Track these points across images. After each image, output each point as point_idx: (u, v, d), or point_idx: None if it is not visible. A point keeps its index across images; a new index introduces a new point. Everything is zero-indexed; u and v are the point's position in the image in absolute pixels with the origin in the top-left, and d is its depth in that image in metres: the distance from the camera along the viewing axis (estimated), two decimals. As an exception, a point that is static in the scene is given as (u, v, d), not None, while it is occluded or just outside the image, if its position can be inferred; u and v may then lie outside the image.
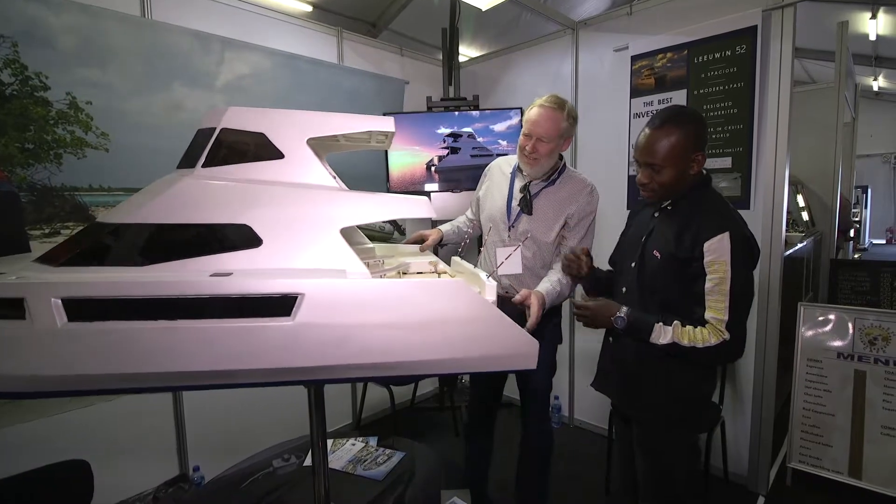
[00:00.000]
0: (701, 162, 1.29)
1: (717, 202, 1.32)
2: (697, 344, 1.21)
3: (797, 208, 4.04)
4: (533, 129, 1.66)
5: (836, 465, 2.25)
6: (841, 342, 2.30)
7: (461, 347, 1.00)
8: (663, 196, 1.34)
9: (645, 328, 1.27)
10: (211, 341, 0.91)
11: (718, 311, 1.21)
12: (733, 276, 1.19)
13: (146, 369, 0.91)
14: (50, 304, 0.86)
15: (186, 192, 0.99)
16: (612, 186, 2.59)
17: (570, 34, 2.86)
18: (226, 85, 2.28)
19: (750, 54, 2.16)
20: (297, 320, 0.92)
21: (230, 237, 0.98)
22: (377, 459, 1.76)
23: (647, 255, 1.37)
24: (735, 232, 1.21)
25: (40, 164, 1.82)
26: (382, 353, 0.97)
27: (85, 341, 0.88)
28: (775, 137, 2.14)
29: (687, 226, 1.27)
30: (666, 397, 1.34)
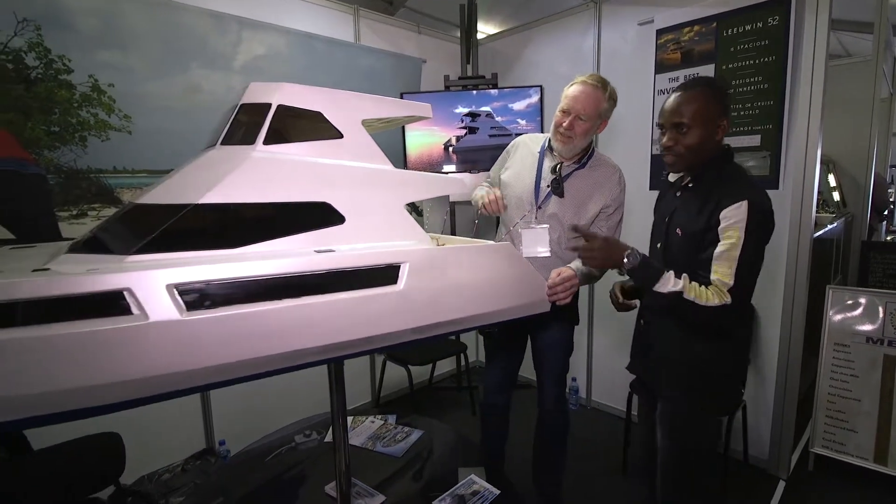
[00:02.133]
0: (725, 128, 1.29)
1: (738, 175, 1.32)
2: (699, 300, 1.21)
3: (828, 188, 3.90)
4: (572, 105, 1.61)
5: (861, 451, 2.21)
6: (871, 326, 2.24)
7: (506, 299, 1.22)
8: (687, 161, 1.32)
9: (655, 273, 1.27)
10: (333, 315, 0.95)
11: (724, 275, 1.20)
12: (745, 244, 1.19)
13: (273, 351, 0.90)
14: (165, 293, 0.79)
15: (260, 169, 0.98)
16: (635, 166, 2.53)
17: (592, 8, 2.77)
18: (243, 66, 2.28)
19: (783, 26, 2.06)
20: (403, 286, 1.02)
21: (315, 215, 1.01)
22: (396, 436, 1.79)
23: (671, 235, 1.38)
24: (754, 201, 1.20)
25: (66, 147, 1.85)
26: (460, 309, 1.13)
27: (212, 330, 0.83)
28: (808, 114, 2.05)
29: (708, 198, 1.27)
30: (693, 375, 1.35)
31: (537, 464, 1.97)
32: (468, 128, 2.93)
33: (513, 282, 1.23)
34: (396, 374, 2.90)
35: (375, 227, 1.08)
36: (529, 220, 1.74)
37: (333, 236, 1.02)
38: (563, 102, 1.65)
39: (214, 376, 0.86)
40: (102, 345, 0.75)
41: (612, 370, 2.83)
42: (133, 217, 0.90)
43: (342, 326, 0.97)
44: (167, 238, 0.85)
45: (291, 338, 0.91)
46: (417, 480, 1.58)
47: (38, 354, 0.72)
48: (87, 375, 0.75)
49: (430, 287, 1.06)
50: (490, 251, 1.20)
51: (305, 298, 0.91)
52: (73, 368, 0.74)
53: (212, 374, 0.85)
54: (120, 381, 0.78)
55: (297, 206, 1.00)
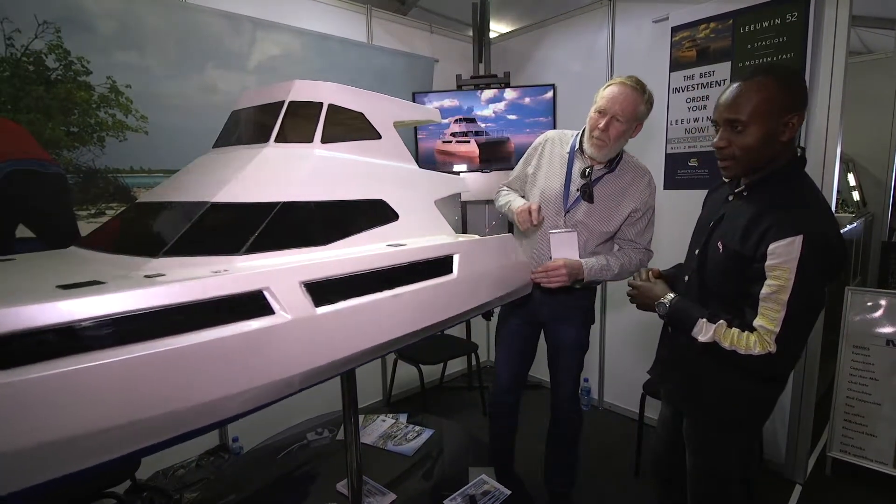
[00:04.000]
0: (795, 127, 1.08)
1: (802, 195, 1.10)
2: (739, 349, 1.08)
3: (847, 188, 3.82)
4: (609, 106, 1.56)
5: (881, 455, 2.16)
6: (891, 329, 2.19)
7: (512, 282, 1.38)
8: (744, 166, 1.14)
9: (687, 320, 1.17)
10: (417, 303, 1.03)
11: (771, 320, 1.05)
12: (797, 287, 1.01)
13: (379, 341, 0.95)
14: (299, 291, 0.80)
15: (325, 167, 1.01)
16: (650, 166, 2.44)
17: (606, 5, 2.75)
18: (257, 66, 2.30)
19: (802, 23, 2.02)
20: (456, 275, 1.13)
21: (378, 212, 1.08)
22: (407, 435, 1.79)
23: (711, 245, 1.23)
24: (812, 236, 1.01)
25: (85, 147, 1.89)
26: (488, 293, 1.26)
27: (338, 323, 0.86)
28: (827, 112, 2.02)
29: (758, 219, 1.09)
30: (724, 399, 1.24)
31: (550, 464, 1.96)
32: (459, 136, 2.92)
33: (515, 267, 1.39)
34: (408, 373, 2.91)
35: (419, 222, 1.16)
36: (558, 225, 1.71)
37: (392, 232, 1.09)
38: (598, 103, 1.61)
39: (339, 369, 0.90)
40: (253, 347, 0.74)
41: (624, 371, 2.80)
42: (220, 217, 0.85)
43: (422, 314, 1.05)
44: (267, 237, 0.86)
45: (392, 327, 0.98)
46: (428, 479, 1.58)
47: (200, 363, 0.69)
48: (240, 380, 0.74)
49: (471, 275, 1.18)
50: (501, 242, 1.35)
51: (397, 289, 0.97)
52: (228, 374, 0.72)
53: (338, 367, 0.89)
54: (265, 383, 0.77)
55: (363, 203, 1.07)
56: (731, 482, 1.29)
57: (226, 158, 1.01)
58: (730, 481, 1.29)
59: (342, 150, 1.06)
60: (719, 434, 1.28)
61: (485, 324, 3.62)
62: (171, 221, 0.88)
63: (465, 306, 1.17)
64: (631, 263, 1.69)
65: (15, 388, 0.54)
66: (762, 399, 1.24)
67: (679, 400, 1.39)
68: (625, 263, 1.68)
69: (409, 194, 1.17)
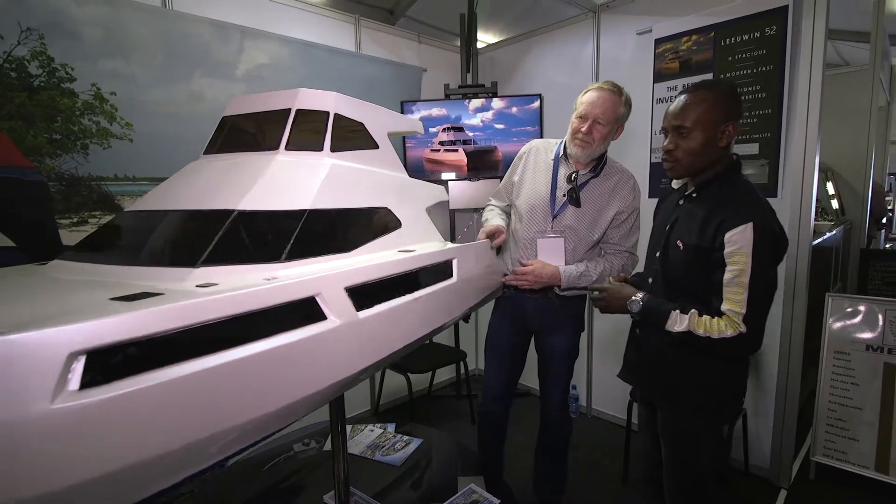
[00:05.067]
0: (730, 135, 1.24)
1: (744, 191, 1.26)
2: (713, 334, 1.17)
3: (826, 196, 3.91)
4: (590, 111, 1.62)
5: (863, 459, 2.20)
6: (870, 334, 2.24)
7: (491, 284, 1.48)
8: (688, 167, 1.29)
9: (661, 315, 1.25)
10: (430, 305, 1.08)
11: (736, 303, 1.16)
12: (754, 269, 1.15)
13: (406, 341, 1.00)
14: (344, 296, 0.82)
15: (338, 176, 1.02)
16: (634, 174, 2.51)
17: (591, 17, 2.80)
18: (245, 74, 2.30)
19: (780, 36, 2.08)
20: (455, 279, 1.20)
21: (386, 220, 1.12)
22: (395, 445, 1.78)
23: (671, 246, 1.34)
24: (760, 223, 1.16)
25: (67, 155, 1.86)
26: (474, 296, 1.34)
27: (376, 326, 0.89)
28: (805, 123, 2.07)
29: (711, 215, 1.22)
30: (693, 386, 1.32)
31: (539, 472, 1.96)
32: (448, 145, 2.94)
33: (492, 270, 1.48)
34: (395, 382, 2.90)
35: (417, 230, 1.21)
36: (545, 230, 1.73)
37: (398, 240, 1.12)
38: (579, 108, 1.65)
39: (372, 371, 0.93)
40: (312, 352, 0.76)
41: (612, 378, 2.79)
42: (250, 224, 0.85)
43: (434, 315, 1.11)
44: (301, 244, 0.87)
45: (414, 328, 1.03)
46: (416, 489, 1.57)
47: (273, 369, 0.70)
48: (304, 386, 0.76)
49: (465, 278, 1.24)
50: (482, 247, 1.44)
51: (417, 293, 1.02)
52: (295, 380, 0.74)
53: (373, 369, 0.92)
54: (322, 388, 0.79)
55: (374, 211, 1.10)
56: (705, 473, 1.34)
57: (231, 165, 1.00)
58: (704, 473, 1.34)
59: (348, 160, 1.08)
60: (691, 424, 1.34)
61: (473, 332, 3.62)
62: (191, 230, 0.86)
63: (462, 308, 1.24)
64: (612, 269, 1.69)
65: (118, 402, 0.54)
66: (730, 386, 1.34)
67: (651, 397, 1.45)
68: (605, 270, 1.68)
69: (407, 202, 1.22)
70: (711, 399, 1.32)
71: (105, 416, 0.53)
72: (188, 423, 0.61)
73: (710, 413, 1.34)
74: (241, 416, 0.67)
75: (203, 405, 0.62)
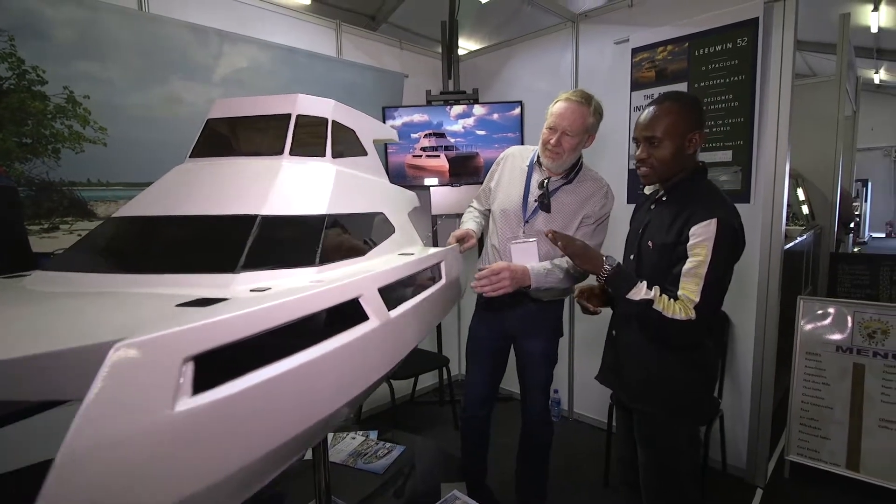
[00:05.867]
0: (696, 143, 1.32)
1: (711, 192, 1.34)
2: (666, 312, 1.22)
3: (797, 202, 4.03)
4: (558, 123, 1.64)
5: (834, 457, 2.26)
6: (840, 335, 2.31)
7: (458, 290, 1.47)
8: (660, 174, 1.35)
9: (629, 280, 1.29)
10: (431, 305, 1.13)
11: (691, 291, 1.22)
12: (712, 262, 1.20)
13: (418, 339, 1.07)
14: (377, 297, 0.85)
15: (344, 182, 1.04)
16: (613, 180, 2.53)
17: (570, 26, 2.85)
18: (224, 79, 2.27)
19: (751, 47, 2.14)
20: (444, 280, 1.24)
21: (384, 224, 1.15)
22: (377, 453, 1.77)
23: (643, 247, 1.41)
24: (723, 220, 1.22)
25: (38, 159, 1.81)
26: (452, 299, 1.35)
27: (402, 326, 0.93)
28: (776, 131, 2.14)
29: (679, 213, 1.29)
30: (667, 389, 1.35)
31: (521, 476, 1.96)
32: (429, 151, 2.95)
33: (459, 274, 1.50)
34: (378, 388, 2.87)
35: (405, 235, 1.24)
36: (518, 235, 1.76)
37: (394, 245, 1.15)
38: (549, 120, 1.67)
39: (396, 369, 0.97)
40: (362, 351, 0.79)
41: (593, 382, 2.82)
42: (277, 229, 0.86)
43: (432, 316, 1.16)
44: (328, 248, 0.89)
45: (424, 327, 1.09)
46: (399, 497, 1.56)
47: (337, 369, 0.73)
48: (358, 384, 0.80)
49: (448, 281, 1.27)
50: (454, 251, 1.47)
51: (423, 293, 1.07)
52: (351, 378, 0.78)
53: (397, 367, 0.96)
54: (367, 387, 0.84)
55: (376, 216, 1.13)
56: (682, 476, 1.37)
57: (234, 169, 0.98)
58: (681, 475, 1.37)
59: (346, 166, 1.09)
60: (666, 424, 1.37)
61: (456, 337, 3.62)
62: (213, 235, 0.85)
63: (447, 309, 1.28)
64: (575, 268, 1.68)
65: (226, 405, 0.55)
66: (701, 384, 1.40)
67: (627, 399, 1.48)
68: (571, 268, 1.69)
69: (395, 208, 1.25)
70: (685, 401, 1.36)
71: (217, 419, 0.55)
72: (283, 421, 0.64)
73: (684, 415, 1.37)
74: (320, 411, 0.71)
75: (292, 403, 0.65)
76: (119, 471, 0.47)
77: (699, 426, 2.02)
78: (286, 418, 0.65)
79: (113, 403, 0.46)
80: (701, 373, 1.38)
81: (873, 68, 8.68)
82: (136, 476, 0.48)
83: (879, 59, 7.98)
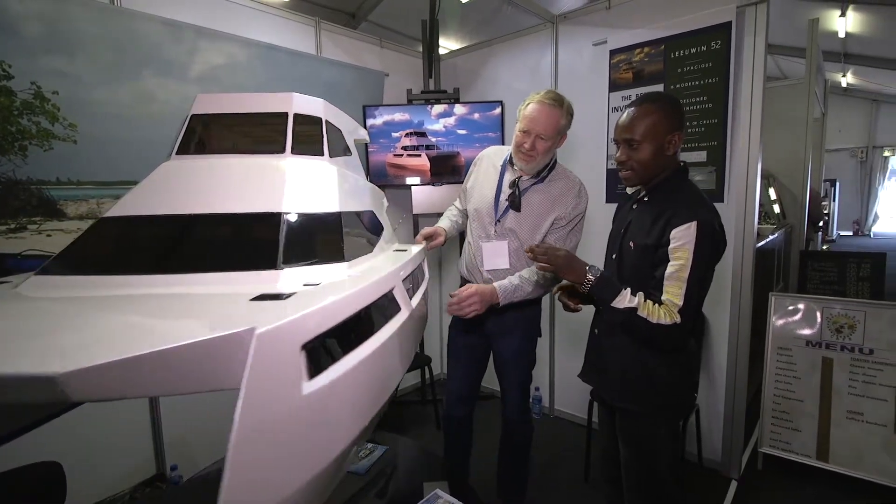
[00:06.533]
0: (676, 143, 1.33)
1: (691, 193, 1.34)
2: (651, 318, 1.23)
3: (769, 201, 4.15)
4: (531, 126, 1.64)
5: (805, 448, 2.33)
6: (810, 330, 2.38)
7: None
8: (641, 176, 1.36)
9: (613, 288, 1.29)
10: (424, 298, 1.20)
11: (675, 296, 1.23)
12: (693, 265, 1.21)
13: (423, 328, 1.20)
14: (402, 288, 0.91)
15: (348, 180, 1.08)
16: (592, 180, 2.60)
17: (549, 27, 2.87)
18: (199, 76, 2.22)
19: (725, 50, 2.20)
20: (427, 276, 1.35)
21: (376, 221, 1.17)
22: (359, 454, 1.75)
23: (624, 247, 1.41)
24: (704, 222, 1.23)
25: (4, 157, 1.74)
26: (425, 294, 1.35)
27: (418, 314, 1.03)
28: (748, 132, 2.19)
29: (660, 215, 1.30)
30: (649, 389, 1.36)
31: (502, 474, 1.98)
32: (410, 150, 2.95)
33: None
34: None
35: (388, 231, 1.27)
36: (490, 234, 1.77)
37: (385, 240, 1.19)
38: (521, 123, 1.67)
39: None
40: (401, 337, 0.85)
41: (573, 379, 2.85)
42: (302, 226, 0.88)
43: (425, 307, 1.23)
44: (351, 245, 0.93)
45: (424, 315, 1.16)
46: (382, 497, 1.55)
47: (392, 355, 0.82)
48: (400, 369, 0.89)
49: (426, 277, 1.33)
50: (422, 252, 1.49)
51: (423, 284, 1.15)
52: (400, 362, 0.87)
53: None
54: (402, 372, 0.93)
55: (373, 214, 1.18)
56: (663, 473, 1.39)
57: (239, 167, 0.96)
58: (662, 472, 1.39)
59: (340, 165, 1.10)
60: (648, 422, 1.38)
61: (438, 336, 3.62)
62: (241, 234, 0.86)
63: (426, 304, 1.32)
64: (545, 277, 1.70)
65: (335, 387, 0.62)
66: (683, 385, 1.43)
67: (609, 397, 1.49)
68: (539, 279, 1.70)
69: (378, 206, 1.29)
70: (668, 400, 1.38)
71: (331, 399, 0.61)
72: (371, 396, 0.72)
73: (666, 414, 1.39)
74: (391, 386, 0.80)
75: (376, 379, 0.74)
76: (275, 447, 0.54)
77: (678, 422, 2.06)
78: (373, 393, 0.73)
79: (260, 388, 0.52)
80: (684, 373, 1.40)
81: (841, 72, 8.98)
82: (284, 454, 0.55)
83: (846, 63, 8.26)
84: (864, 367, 2.24)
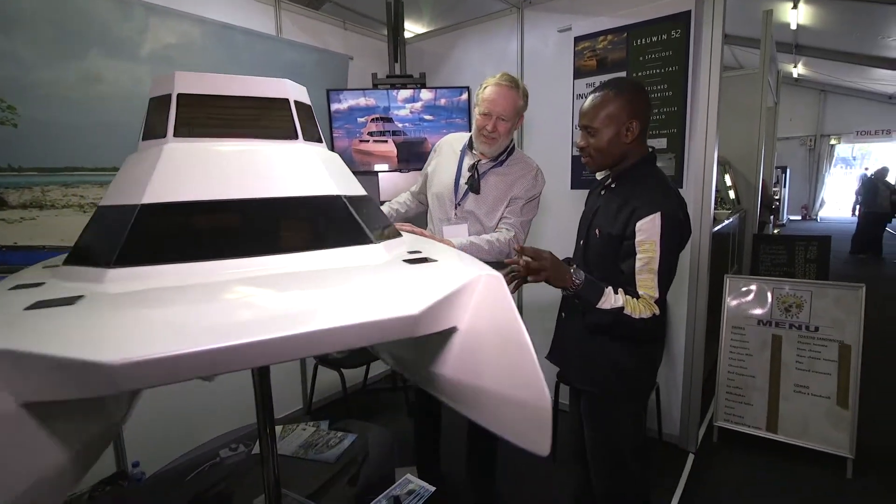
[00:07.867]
0: (635, 130, 1.31)
1: (657, 182, 1.35)
2: (634, 314, 1.25)
3: (725, 187, 4.32)
4: (492, 108, 1.67)
5: (756, 421, 2.48)
6: (761, 310, 2.51)
7: None
8: (599, 162, 1.38)
9: (597, 291, 1.26)
10: None
11: (650, 288, 1.25)
12: (661, 256, 1.24)
13: None
14: None
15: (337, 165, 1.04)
16: (556, 166, 2.65)
17: (515, 13, 2.86)
18: (150, 55, 2.11)
19: (684, 39, 2.25)
20: None
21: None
22: (329, 443, 1.75)
23: (590, 234, 1.42)
24: (667, 213, 1.24)
25: (-66, 141, 1.62)
26: None
27: None
28: (706, 120, 2.26)
29: (625, 204, 1.30)
30: (612, 371, 1.39)
31: (471, 455, 2.01)
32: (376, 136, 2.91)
33: None
34: (328, 378, 2.83)
35: None
36: (451, 217, 1.81)
37: None
38: (481, 106, 1.70)
39: None
40: None
41: (541, 362, 2.93)
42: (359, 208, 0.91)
43: None
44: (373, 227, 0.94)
45: None
46: (353, 485, 1.55)
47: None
48: None
49: None
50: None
51: None
52: None
53: None
54: None
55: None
56: (625, 450, 1.43)
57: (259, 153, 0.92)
58: (624, 448, 1.43)
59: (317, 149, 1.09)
60: (611, 406, 1.42)
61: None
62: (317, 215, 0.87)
63: None
64: (500, 241, 1.71)
65: None
66: (644, 369, 1.45)
67: (575, 379, 1.53)
68: (493, 241, 1.71)
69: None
70: (630, 382, 1.41)
71: None
72: None
73: (628, 395, 1.43)
74: None
75: None
76: None
77: (642, 404, 2.12)
78: None
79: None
80: (649, 362, 1.44)
81: (792, 62, 9.37)
82: None
83: (798, 54, 8.63)
84: (811, 343, 2.38)
